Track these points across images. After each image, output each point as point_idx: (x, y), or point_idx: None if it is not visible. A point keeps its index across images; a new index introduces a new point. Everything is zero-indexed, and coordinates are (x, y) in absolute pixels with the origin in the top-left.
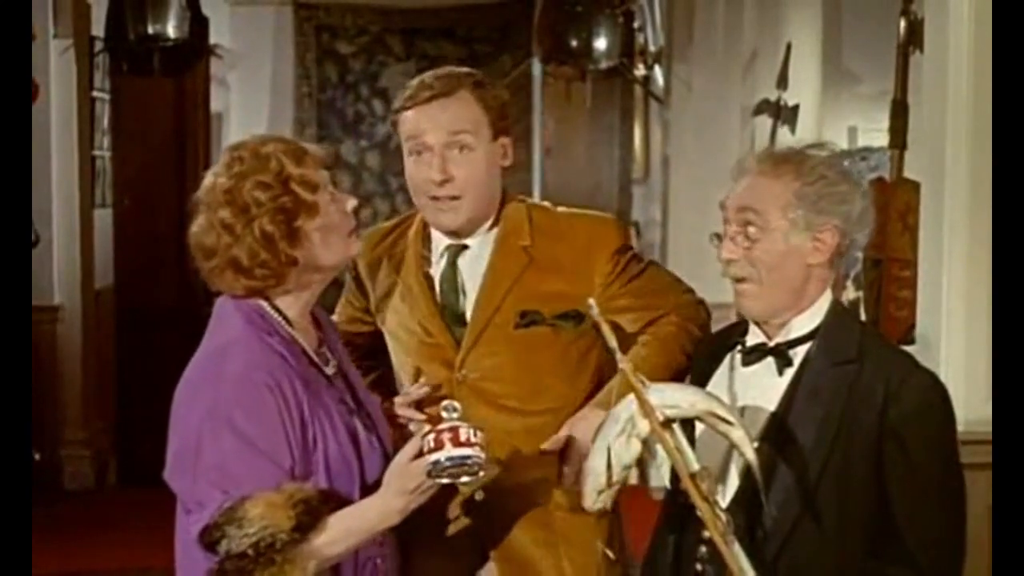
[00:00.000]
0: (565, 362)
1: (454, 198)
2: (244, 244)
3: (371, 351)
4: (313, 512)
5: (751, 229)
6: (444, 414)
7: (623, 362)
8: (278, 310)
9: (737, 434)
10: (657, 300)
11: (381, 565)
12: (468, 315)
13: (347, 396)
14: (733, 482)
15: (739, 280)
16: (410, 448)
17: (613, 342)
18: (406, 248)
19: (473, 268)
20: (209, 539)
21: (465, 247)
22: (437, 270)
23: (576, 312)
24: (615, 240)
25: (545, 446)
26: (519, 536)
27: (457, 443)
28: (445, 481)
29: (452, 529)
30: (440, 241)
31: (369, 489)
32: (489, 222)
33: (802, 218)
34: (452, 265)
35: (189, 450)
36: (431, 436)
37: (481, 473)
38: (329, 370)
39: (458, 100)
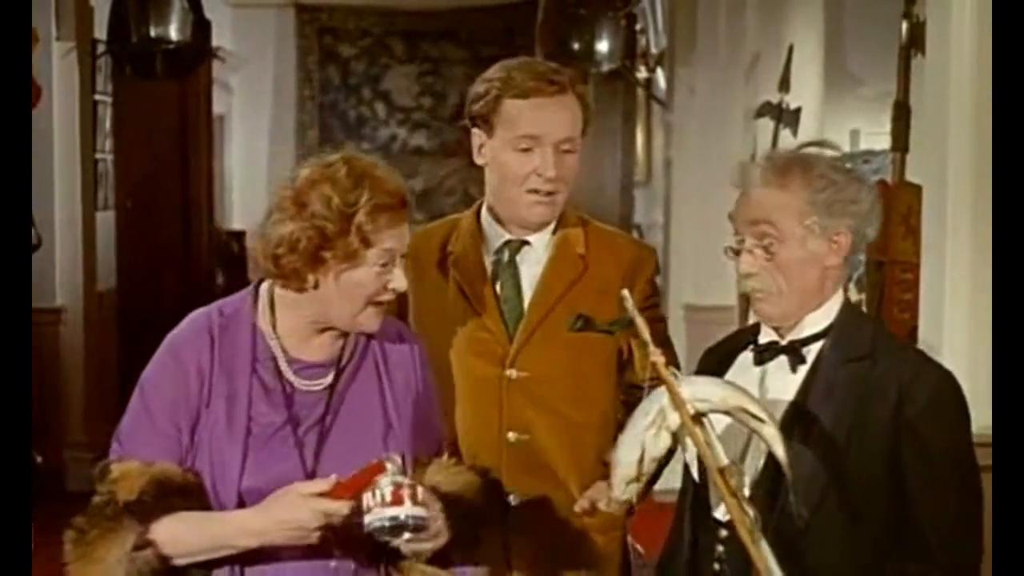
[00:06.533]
0: (614, 369)
1: (552, 193)
2: (277, 231)
3: None
4: (164, 495)
5: (768, 241)
6: (389, 465)
7: (655, 354)
8: (272, 310)
9: (769, 431)
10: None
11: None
12: (525, 312)
13: (299, 408)
14: (748, 479)
15: (758, 289)
16: (313, 484)
17: (646, 334)
18: (463, 247)
19: (533, 267)
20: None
21: (525, 243)
22: (495, 265)
23: (623, 317)
24: (653, 267)
25: (577, 508)
26: (545, 549)
27: (416, 502)
28: (384, 539)
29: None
30: (499, 237)
31: (241, 484)
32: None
33: (817, 224)
34: (512, 262)
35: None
36: (388, 489)
37: (425, 543)
38: (303, 383)
39: (571, 99)
